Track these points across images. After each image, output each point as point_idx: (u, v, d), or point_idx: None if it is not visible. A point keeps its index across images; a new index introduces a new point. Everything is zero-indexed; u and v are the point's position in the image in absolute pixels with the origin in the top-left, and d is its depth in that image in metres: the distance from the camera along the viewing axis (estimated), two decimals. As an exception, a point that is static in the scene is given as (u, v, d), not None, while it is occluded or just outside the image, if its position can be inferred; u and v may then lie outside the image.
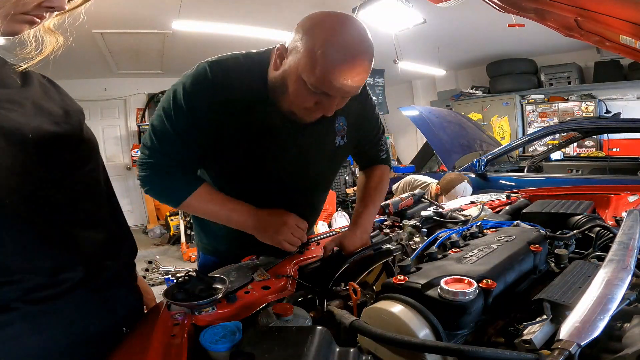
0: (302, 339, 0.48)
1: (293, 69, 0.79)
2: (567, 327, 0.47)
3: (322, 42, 0.73)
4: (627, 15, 0.82)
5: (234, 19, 3.84)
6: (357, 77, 0.77)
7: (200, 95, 0.86)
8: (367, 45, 0.76)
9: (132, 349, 0.64)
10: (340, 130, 1.01)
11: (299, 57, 0.77)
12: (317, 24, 0.76)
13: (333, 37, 0.74)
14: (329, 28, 0.75)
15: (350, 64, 0.75)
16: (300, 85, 0.79)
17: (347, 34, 0.75)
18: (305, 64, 0.76)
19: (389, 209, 1.23)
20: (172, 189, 0.93)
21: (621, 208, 1.29)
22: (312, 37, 0.75)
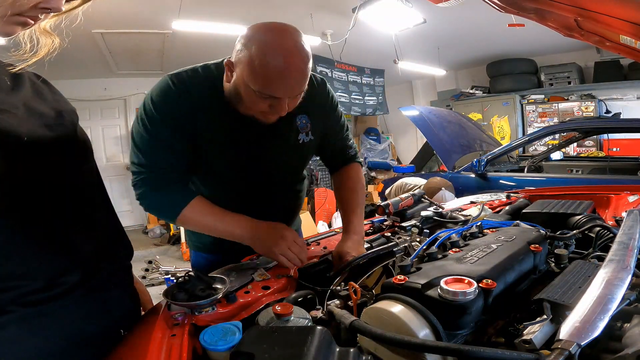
0: (302, 339, 0.48)
1: (240, 80, 0.88)
2: (567, 327, 0.47)
3: (259, 51, 0.83)
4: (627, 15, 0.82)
5: (234, 19, 3.84)
6: (294, 77, 0.86)
7: (168, 104, 0.93)
8: (299, 47, 0.85)
9: (132, 349, 0.64)
10: (304, 128, 1.09)
11: (242, 68, 0.86)
12: (253, 36, 0.86)
13: (267, 45, 0.83)
14: (263, 38, 0.84)
15: (285, 65, 0.83)
16: (250, 93, 0.88)
17: (280, 41, 0.84)
18: (248, 73, 0.85)
19: (389, 209, 1.23)
20: (167, 202, 0.96)
21: (621, 208, 1.29)
22: (250, 49, 0.84)
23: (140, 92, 6.07)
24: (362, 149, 7.56)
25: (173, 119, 0.93)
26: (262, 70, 0.83)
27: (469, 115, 5.85)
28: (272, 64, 0.83)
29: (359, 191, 1.19)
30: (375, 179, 6.60)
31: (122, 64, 5.33)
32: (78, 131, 0.71)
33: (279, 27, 0.86)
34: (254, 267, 0.91)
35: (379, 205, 1.25)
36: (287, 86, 0.87)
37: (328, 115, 1.15)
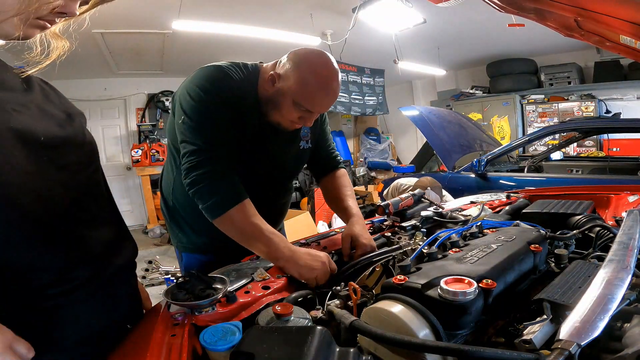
0: (302, 339, 0.48)
1: (285, 92, 1.01)
2: (567, 327, 0.47)
3: (309, 73, 0.99)
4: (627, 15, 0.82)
5: (234, 19, 3.84)
6: (331, 99, 1.04)
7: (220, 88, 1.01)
8: (336, 75, 1.02)
9: (132, 349, 0.64)
10: (305, 136, 1.23)
11: (291, 84, 1.00)
12: (304, 60, 1.01)
13: (317, 69, 1.00)
14: (312, 64, 1.00)
15: (327, 89, 1.01)
16: (290, 104, 1.02)
17: (324, 68, 1.01)
18: (296, 89, 1.00)
19: (389, 209, 1.23)
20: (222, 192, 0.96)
21: (621, 208, 1.29)
22: (301, 70, 0.99)
23: (140, 92, 6.07)
24: (362, 149, 7.56)
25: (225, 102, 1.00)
26: (308, 87, 0.99)
27: (469, 115, 5.85)
28: (318, 84, 1.00)
29: (348, 185, 1.30)
30: (375, 179, 6.60)
31: (122, 64, 5.33)
32: (86, 133, 0.73)
33: (323, 54, 1.03)
34: (254, 267, 0.91)
35: (379, 205, 1.25)
36: (323, 104, 1.04)
37: (322, 126, 1.30)
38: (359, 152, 7.64)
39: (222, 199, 0.95)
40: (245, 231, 0.95)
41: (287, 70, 1.01)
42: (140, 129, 6.00)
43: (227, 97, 1.00)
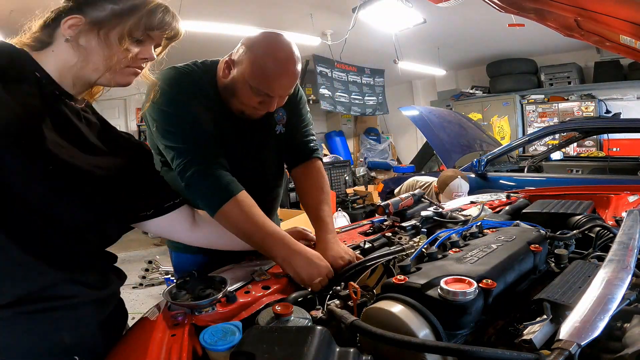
0: (302, 339, 0.48)
1: (240, 77, 0.98)
2: (567, 327, 0.47)
3: (262, 53, 0.96)
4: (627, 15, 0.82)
5: (234, 19, 3.84)
6: (289, 80, 0.99)
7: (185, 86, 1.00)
8: (294, 55, 0.98)
9: (132, 349, 0.64)
10: (280, 120, 1.18)
11: (244, 67, 0.97)
12: (257, 41, 0.99)
13: (270, 49, 0.97)
14: (266, 44, 0.98)
15: (284, 72, 0.97)
16: (247, 89, 0.98)
17: (279, 49, 0.97)
18: (250, 72, 0.96)
19: (389, 209, 1.23)
20: (215, 187, 0.93)
21: (621, 208, 1.29)
22: (254, 52, 0.97)
23: (140, 92, 6.05)
24: (362, 149, 7.56)
25: (195, 98, 0.99)
26: (263, 70, 0.95)
27: (469, 115, 5.85)
28: (273, 65, 0.95)
29: (324, 185, 1.17)
30: (375, 179, 6.60)
31: (122, 64, 5.32)
32: None
33: (278, 35, 1.00)
34: (253, 267, 0.91)
35: (379, 205, 1.24)
36: (282, 87, 0.99)
37: (298, 106, 1.22)
38: (359, 152, 7.64)
39: (211, 198, 0.92)
40: (241, 228, 0.92)
41: (241, 55, 0.98)
42: (140, 129, 6.00)
43: (189, 93, 0.99)
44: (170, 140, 0.96)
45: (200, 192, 0.94)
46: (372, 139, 7.58)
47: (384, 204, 1.23)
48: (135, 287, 3.53)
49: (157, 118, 0.98)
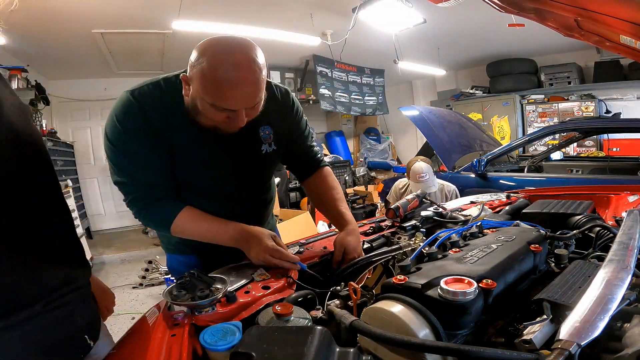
0: (302, 339, 0.48)
1: (196, 93, 0.89)
2: (567, 327, 0.47)
3: (209, 65, 0.84)
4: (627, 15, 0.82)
5: (234, 19, 3.84)
6: (245, 89, 0.87)
7: (131, 119, 0.94)
8: (250, 59, 0.86)
9: (132, 349, 0.64)
10: (267, 138, 1.11)
11: (196, 84, 0.88)
12: (204, 50, 0.86)
13: (218, 58, 0.84)
14: (213, 52, 0.85)
15: (236, 78, 0.84)
16: (206, 106, 0.89)
17: (230, 54, 0.85)
18: (201, 87, 0.86)
19: (400, 212, 1.23)
20: (159, 215, 1.00)
21: (621, 208, 1.29)
22: (202, 63, 0.85)
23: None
24: (362, 149, 7.56)
25: (140, 133, 0.94)
26: (213, 83, 0.85)
27: (469, 115, 5.85)
28: (223, 77, 0.84)
29: (337, 187, 1.22)
30: (375, 179, 6.60)
31: (122, 64, 5.33)
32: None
33: (229, 41, 0.88)
34: (254, 267, 0.91)
35: (389, 209, 1.24)
36: (240, 98, 0.88)
37: (292, 126, 1.17)
38: (359, 152, 7.64)
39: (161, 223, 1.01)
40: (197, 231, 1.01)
41: (192, 70, 0.89)
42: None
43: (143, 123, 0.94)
44: (117, 174, 0.98)
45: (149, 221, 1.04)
46: (372, 139, 7.59)
47: (394, 207, 1.24)
48: (135, 287, 3.53)
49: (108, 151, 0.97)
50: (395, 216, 1.24)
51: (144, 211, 1.00)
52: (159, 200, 0.99)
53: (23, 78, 4.16)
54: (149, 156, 0.96)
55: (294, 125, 1.18)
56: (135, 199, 0.99)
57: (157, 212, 1.00)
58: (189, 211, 1.00)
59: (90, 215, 5.63)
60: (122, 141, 0.94)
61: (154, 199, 0.99)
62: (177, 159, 1.01)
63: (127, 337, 0.68)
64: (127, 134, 0.94)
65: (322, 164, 1.25)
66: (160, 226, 1.03)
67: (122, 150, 0.95)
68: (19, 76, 4.05)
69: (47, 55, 4.41)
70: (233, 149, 1.05)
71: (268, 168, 1.19)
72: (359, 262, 0.93)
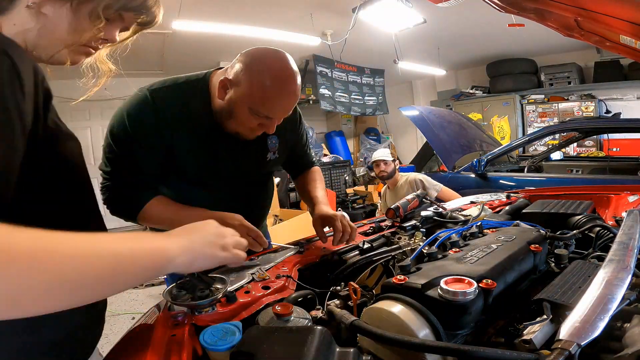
0: (302, 339, 0.48)
1: (239, 99, 0.93)
2: (567, 327, 0.47)
3: (262, 74, 0.90)
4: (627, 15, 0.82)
5: (234, 19, 3.84)
6: (290, 101, 0.95)
7: (144, 119, 0.95)
8: (295, 76, 0.94)
9: (132, 349, 0.64)
10: (273, 148, 1.17)
11: (243, 89, 0.91)
12: (255, 61, 0.92)
13: (270, 69, 0.91)
14: (264, 63, 0.91)
15: (285, 93, 0.93)
16: (246, 111, 0.93)
17: (279, 68, 0.92)
18: (249, 94, 0.91)
19: (400, 212, 1.24)
20: (128, 201, 1.01)
21: (621, 208, 1.29)
22: (253, 72, 0.91)
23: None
24: (362, 149, 7.56)
25: (146, 134, 0.96)
26: (263, 92, 0.90)
27: (469, 115, 5.85)
28: (274, 87, 0.90)
29: (318, 179, 1.31)
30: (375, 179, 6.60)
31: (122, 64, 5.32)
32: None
33: (277, 53, 0.94)
34: (254, 267, 0.91)
35: (389, 209, 1.25)
36: (283, 109, 0.96)
37: (295, 133, 1.25)
38: (359, 152, 7.64)
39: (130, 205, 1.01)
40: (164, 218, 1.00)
41: (239, 74, 0.92)
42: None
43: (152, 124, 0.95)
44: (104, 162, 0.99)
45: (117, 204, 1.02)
46: (372, 139, 7.58)
47: (394, 207, 1.25)
48: (135, 287, 3.53)
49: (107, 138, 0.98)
50: (395, 216, 1.25)
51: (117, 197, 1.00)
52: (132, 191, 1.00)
53: (23, 78, 4.15)
54: (145, 157, 0.98)
55: (296, 135, 1.26)
56: (113, 187, 1.00)
57: (128, 196, 1.00)
58: (161, 199, 1.02)
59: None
60: (124, 136, 0.95)
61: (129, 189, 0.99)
62: (187, 157, 1.02)
63: (127, 337, 0.68)
64: (133, 131, 0.95)
65: (314, 165, 1.37)
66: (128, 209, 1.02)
67: (121, 147, 0.96)
68: (19, 76, 4.04)
69: (47, 55, 4.41)
70: (239, 155, 1.09)
71: (269, 173, 1.26)
72: (359, 262, 0.93)
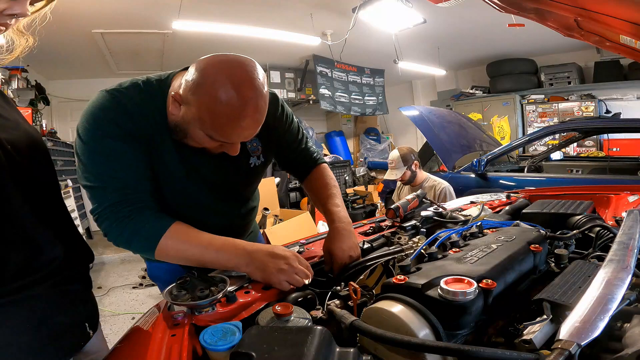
0: (302, 339, 0.48)
1: (191, 118, 0.80)
2: (567, 327, 0.47)
3: (212, 96, 0.75)
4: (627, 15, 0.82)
5: (234, 19, 3.84)
6: (251, 124, 0.80)
7: (110, 116, 0.83)
8: (256, 92, 0.78)
9: (132, 349, 0.64)
10: (255, 151, 1.05)
11: (193, 112, 0.79)
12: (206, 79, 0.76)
13: (223, 95, 0.75)
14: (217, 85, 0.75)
15: (241, 119, 0.78)
16: (201, 134, 0.82)
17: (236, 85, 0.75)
18: (200, 120, 0.79)
19: (400, 212, 1.23)
20: (142, 229, 0.82)
21: (621, 208, 1.29)
22: (202, 94, 0.76)
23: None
24: (362, 149, 7.56)
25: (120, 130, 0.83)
26: (215, 117, 0.77)
27: (469, 115, 5.85)
28: (226, 114, 0.77)
29: (330, 183, 1.16)
30: (375, 179, 6.60)
31: (122, 64, 5.33)
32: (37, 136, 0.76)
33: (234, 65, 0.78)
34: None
35: (389, 209, 1.24)
36: (242, 133, 0.82)
37: (281, 132, 1.11)
38: (359, 152, 7.65)
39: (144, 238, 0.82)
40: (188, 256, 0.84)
41: (188, 93, 0.79)
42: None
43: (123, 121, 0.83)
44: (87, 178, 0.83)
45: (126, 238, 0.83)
46: (372, 139, 7.59)
47: (394, 207, 1.24)
48: (135, 287, 3.53)
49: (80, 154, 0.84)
50: (395, 216, 1.25)
51: (124, 222, 0.81)
52: (141, 211, 0.83)
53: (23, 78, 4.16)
54: (130, 155, 0.83)
55: (283, 132, 1.11)
56: (111, 207, 0.82)
57: (141, 222, 0.82)
58: (182, 225, 0.85)
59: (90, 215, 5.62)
60: (98, 137, 0.81)
61: (136, 207, 0.82)
62: (154, 168, 0.89)
63: (127, 337, 0.68)
64: (105, 130, 0.81)
65: (318, 162, 1.22)
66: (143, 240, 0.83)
67: (98, 148, 0.81)
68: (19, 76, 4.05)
69: (47, 55, 4.41)
70: (220, 164, 0.97)
71: (255, 180, 1.13)
72: (360, 263, 0.93)
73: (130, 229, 0.82)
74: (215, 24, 3.80)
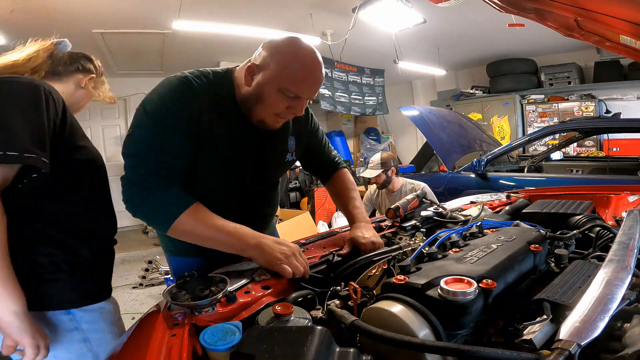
0: (302, 339, 0.48)
1: (268, 81, 0.96)
2: (567, 327, 0.47)
3: (292, 55, 0.96)
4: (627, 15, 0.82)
5: (234, 19, 3.84)
6: (318, 79, 1.00)
7: (174, 105, 0.95)
8: (319, 58, 0.99)
9: (132, 349, 0.64)
10: (291, 149, 1.21)
11: (273, 71, 0.96)
12: (282, 45, 0.97)
13: (297, 52, 0.96)
14: (293, 47, 0.97)
15: (313, 71, 0.98)
16: (275, 93, 0.97)
17: (306, 50, 0.98)
18: (279, 75, 0.95)
19: (400, 212, 1.24)
20: (166, 202, 0.91)
21: (621, 208, 1.29)
22: (282, 54, 0.96)
23: (140, 92, 6.06)
24: (362, 149, 7.56)
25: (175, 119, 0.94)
26: (293, 71, 0.95)
27: (469, 115, 5.85)
28: (303, 66, 0.96)
29: (351, 188, 1.32)
30: (375, 179, 6.58)
31: (122, 64, 5.33)
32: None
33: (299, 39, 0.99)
34: (254, 267, 0.91)
35: (390, 208, 1.25)
36: (313, 86, 0.99)
37: (311, 138, 1.29)
38: (359, 152, 7.64)
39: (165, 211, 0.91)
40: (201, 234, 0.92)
41: (266, 58, 0.96)
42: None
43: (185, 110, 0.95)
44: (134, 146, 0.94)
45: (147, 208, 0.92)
46: (372, 139, 7.59)
47: (394, 207, 1.24)
48: (135, 287, 3.53)
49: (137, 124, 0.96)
50: (395, 216, 1.25)
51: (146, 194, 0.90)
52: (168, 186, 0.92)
53: (23, 78, 4.15)
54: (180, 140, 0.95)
55: (312, 138, 1.29)
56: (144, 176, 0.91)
57: (163, 197, 0.91)
58: (201, 206, 0.93)
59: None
60: (160, 114, 0.94)
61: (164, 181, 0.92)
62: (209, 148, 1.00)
63: (127, 337, 0.68)
64: (169, 111, 0.94)
65: (339, 166, 1.38)
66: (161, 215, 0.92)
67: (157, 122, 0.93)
68: (19, 76, 4.04)
69: (47, 55, 4.41)
70: (264, 147, 1.11)
71: (284, 173, 1.31)
72: (359, 262, 0.93)
73: (153, 200, 0.91)
74: (215, 24, 3.80)
